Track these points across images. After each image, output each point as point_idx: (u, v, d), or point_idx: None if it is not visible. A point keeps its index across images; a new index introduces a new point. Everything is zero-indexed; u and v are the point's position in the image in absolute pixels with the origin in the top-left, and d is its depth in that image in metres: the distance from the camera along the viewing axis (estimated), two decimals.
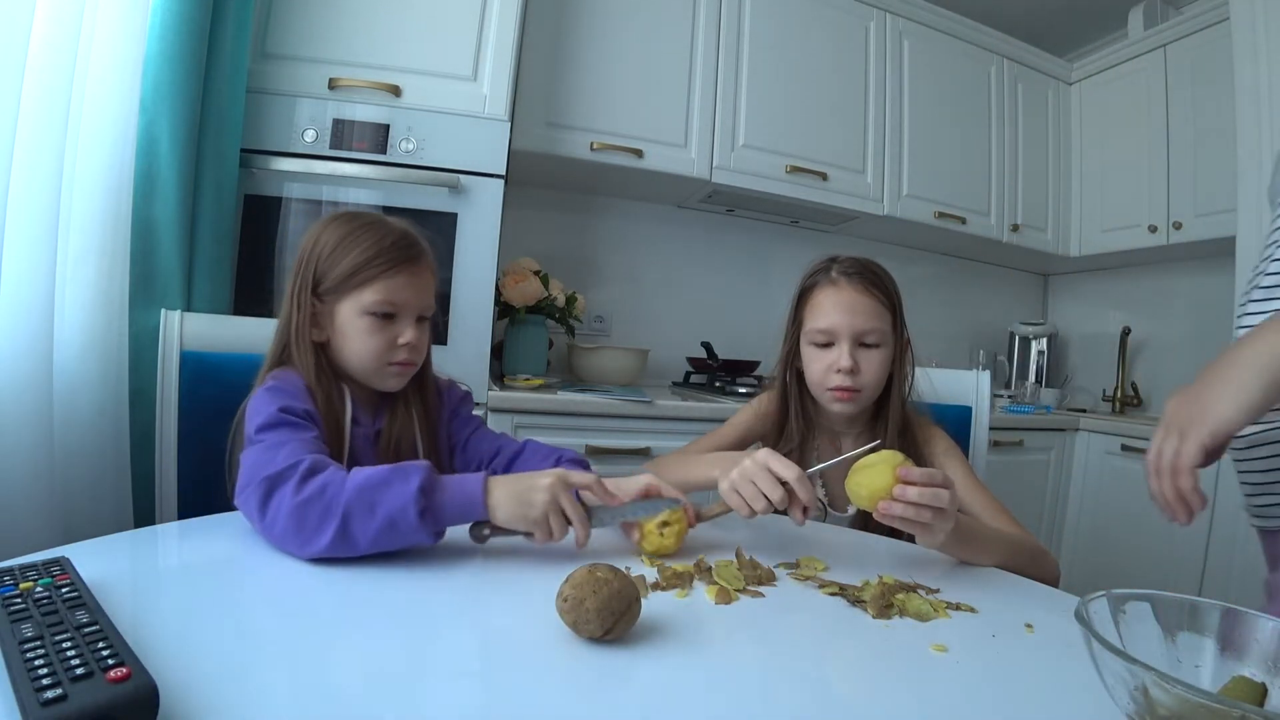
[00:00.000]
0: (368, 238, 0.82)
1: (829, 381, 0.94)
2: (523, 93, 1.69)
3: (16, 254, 0.96)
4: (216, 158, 1.26)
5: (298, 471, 0.63)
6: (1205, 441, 0.53)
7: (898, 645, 0.54)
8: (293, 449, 0.67)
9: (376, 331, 0.82)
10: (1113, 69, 2.37)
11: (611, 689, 0.44)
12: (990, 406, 1.24)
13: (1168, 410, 0.57)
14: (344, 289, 0.81)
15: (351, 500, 0.61)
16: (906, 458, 0.71)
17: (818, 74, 2.06)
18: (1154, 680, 0.36)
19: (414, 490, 0.62)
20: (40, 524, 0.98)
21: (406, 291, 0.83)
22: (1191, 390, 0.55)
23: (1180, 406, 0.56)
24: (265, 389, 0.77)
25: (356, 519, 0.61)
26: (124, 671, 0.35)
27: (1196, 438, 0.53)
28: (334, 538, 0.60)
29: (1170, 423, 0.56)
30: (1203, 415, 0.53)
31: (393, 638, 0.49)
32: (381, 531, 0.61)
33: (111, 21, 1.07)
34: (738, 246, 2.35)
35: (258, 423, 0.72)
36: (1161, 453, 0.56)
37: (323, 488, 0.62)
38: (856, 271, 0.96)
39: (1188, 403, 0.55)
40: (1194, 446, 0.53)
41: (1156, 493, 0.56)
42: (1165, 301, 2.41)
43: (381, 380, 0.85)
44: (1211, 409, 0.53)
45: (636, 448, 1.54)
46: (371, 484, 0.62)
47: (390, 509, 0.61)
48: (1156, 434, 0.57)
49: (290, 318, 0.83)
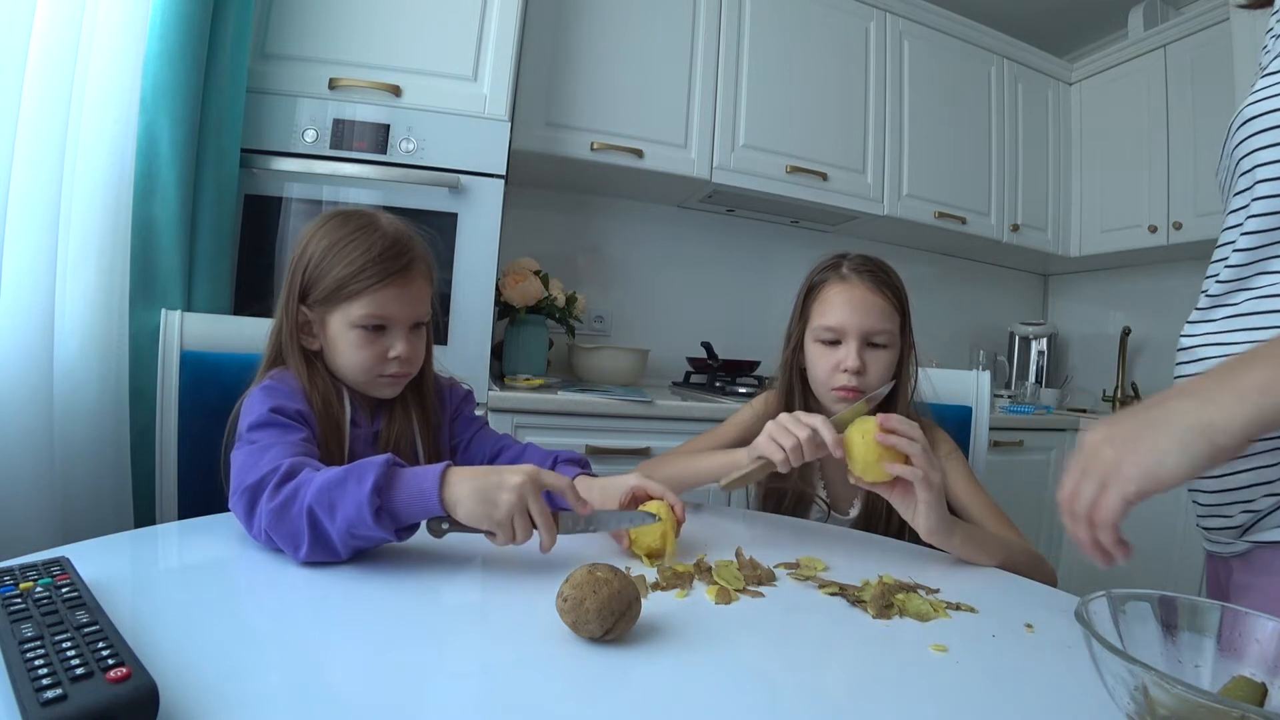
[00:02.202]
0: (356, 248, 0.79)
1: (834, 381, 0.92)
2: (523, 93, 1.69)
3: (16, 254, 0.96)
4: (217, 158, 1.26)
5: (274, 477, 0.62)
6: (1129, 498, 0.47)
7: (898, 645, 0.54)
8: (275, 454, 0.66)
9: (366, 345, 0.80)
10: (1113, 69, 2.37)
11: (611, 689, 0.44)
12: (990, 406, 1.24)
13: (1088, 446, 0.50)
14: (332, 301, 0.79)
15: (313, 502, 0.59)
16: None
17: (818, 74, 2.06)
18: (1154, 680, 0.36)
19: (368, 490, 0.58)
20: (40, 524, 0.98)
21: (396, 304, 0.80)
22: (1119, 429, 0.49)
23: (1104, 447, 0.49)
24: (261, 388, 0.76)
25: (322, 521, 0.59)
26: (124, 671, 0.35)
27: (1120, 491, 0.47)
28: (311, 542, 0.59)
29: (1090, 465, 0.49)
30: (1134, 467, 0.47)
31: (393, 638, 0.49)
32: (344, 534, 0.59)
33: (112, 21, 1.07)
34: (738, 246, 2.34)
35: (249, 421, 0.72)
36: (1078, 495, 0.50)
37: (294, 492, 0.61)
38: (867, 269, 0.95)
39: (1115, 445, 0.48)
40: (1116, 500, 0.47)
41: (1073, 535, 0.51)
42: (1165, 301, 2.41)
43: (375, 389, 0.84)
44: (1145, 463, 0.46)
45: (636, 448, 1.54)
46: (329, 485, 0.60)
47: (346, 511, 0.59)
48: (1072, 470, 0.51)
49: (281, 325, 0.82)
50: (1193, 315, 0.68)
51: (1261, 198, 0.60)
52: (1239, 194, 0.64)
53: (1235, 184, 0.65)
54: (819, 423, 0.75)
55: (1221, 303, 0.64)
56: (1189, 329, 0.68)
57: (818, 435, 0.75)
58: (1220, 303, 0.64)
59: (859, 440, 0.74)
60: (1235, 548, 0.65)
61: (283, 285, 0.83)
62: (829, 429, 0.75)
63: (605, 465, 1.52)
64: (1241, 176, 0.63)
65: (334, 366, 0.83)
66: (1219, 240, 0.67)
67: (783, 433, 0.76)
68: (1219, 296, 0.64)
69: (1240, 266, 0.62)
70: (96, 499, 1.07)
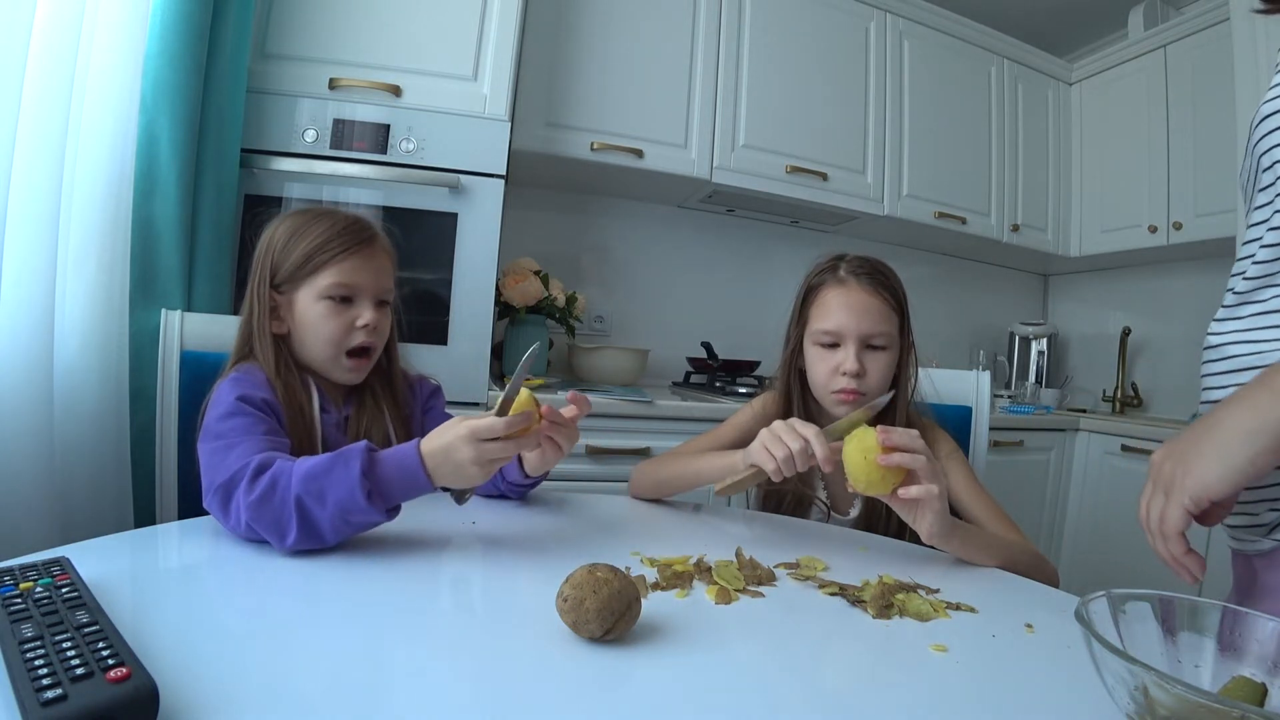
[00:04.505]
0: (319, 226, 0.84)
1: (834, 384, 0.92)
2: (523, 93, 1.69)
3: (16, 254, 0.96)
4: (217, 158, 1.26)
5: (247, 472, 0.64)
6: (1187, 506, 0.51)
7: (898, 645, 0.54)
8: (242, 450, 0.68)
9: (334, 315, 0.83)
10: (1113, 69, 2.37)
11: (611, 689, 0.44)
12: (990, 407, 1.24)
13: (1154, 464, 0.55)
14: (299, 276, 0.83)
15: (299, 491, 0.62)
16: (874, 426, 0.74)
17: (818, 74, 2.06)
18: (1154, 680, 0.36)
19: (357, 474, 0.62)
20: (40, 524, 0.98)
21: (361, 274, 0.84)
22: (1179, 445, 0.53)
23: (1165, 462, 0.54)
24: (228, 380, 0.78)
25: (311, 509, 0.61)
26: (124, 671, 0.35)
27: (1178, 501, 0.51)
28: (299, 531, 0.61)
29: (1156, 480, 0.54)
30: (1185, 478, 0.51)
31: (393, 638, 0.49)
32: (336, 518, 0.62)
33: (112, 21, 1.07)
34: (738, 246, 2.35)
35: (216, 412, 0.73)
36: (1149, 512, 0.54)
37: (273, 483, 0.63)
38: (865, 271, 0.94)
39: (1173, 460, 0.53)
40: (1177, 510, 0.51)
41: (1157, 552, 0.55)
42: (1165, 301, 2.41)
43: (339, 373, 0.86)
44: (1194, 472, 0.50)
45: (636, 448, 1.54)
46: (315, 473, 0.63)
47: (338, 495, 0.62)
48: (1146, 488, 0.56)
49: (251, 312, 0.85)
50: (1219, 313, 0.67)
51: None
52: (1263, 189, 0.63)
53: (1259, 179, 0.64)
54: (813, 435, 0.74)
55: (1249, 299, 0.64)
56: (1215, 327, 0.67)
57: (810, 447, 0.74)
58: (1247, 299, 0.64)
59: (860, 460, 0.71)
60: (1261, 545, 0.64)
61: (249, 280, 0.86)
62: (822, 443, 0.74)
63: (605, 465, 1.52)
64: (1264, 173, 0.63)
65: (302, 348, 0.85)
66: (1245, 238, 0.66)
67: (775, 442, 0.75)
68: (1246, 293, 0.64)
69: (1268, 263, 0.62)
70: (96, 499, 1.07)
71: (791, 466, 0.74)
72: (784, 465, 0.74)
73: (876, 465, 0.70)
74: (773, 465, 0.75)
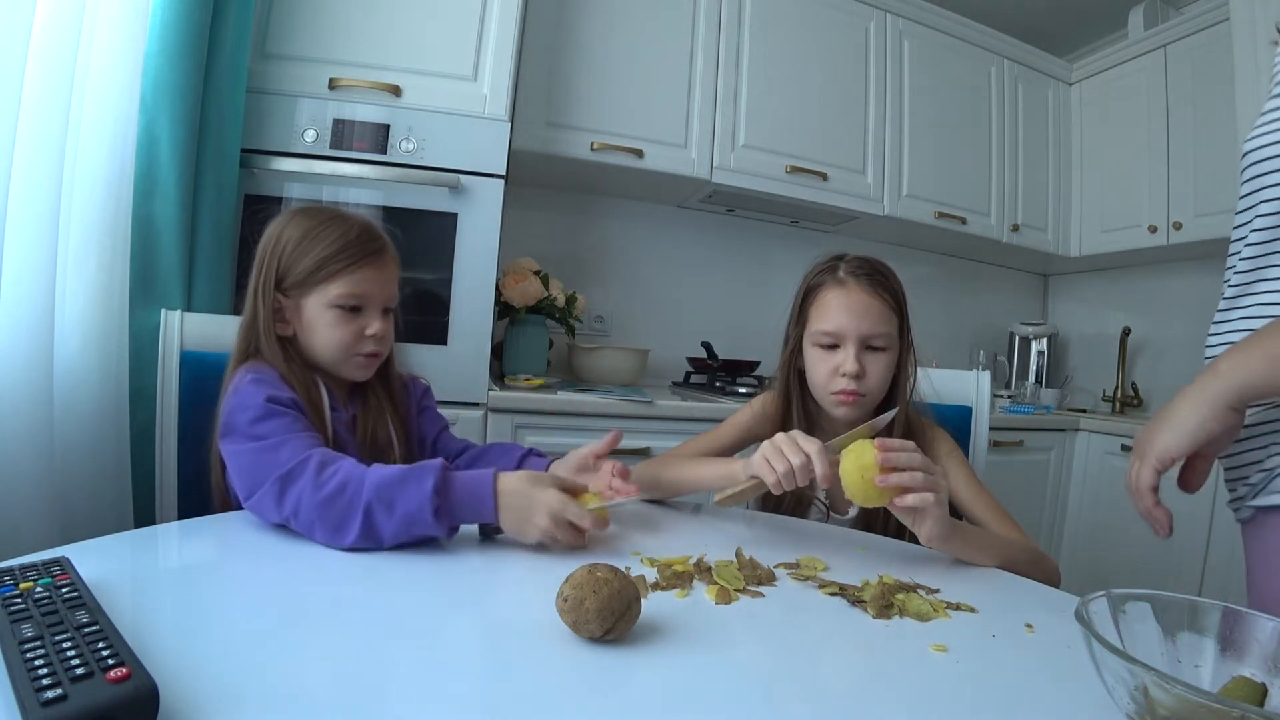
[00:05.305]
0: (331, 233, 0.84)
1: (833, 385, 0.92)
2: (523, 93, 1.69)
3: (16, 253, 0.96)
4: (217, 157, 1.26)
5: (309, 467, 0.67)
6: (1154, 465, 0.60)
7: (898, 645, 0.54)
8: (294, 447, 0.70)
9: (343, 324, 0.84)
10: (1113, 69, 2.37)
11: (611, 689, 0.44)
12: (990, 407, 1.24)
13: (1135, 439, 0.65)
14: (310, 283, 0.83)
15: (371, 498, 0.64)
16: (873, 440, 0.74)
17: (818, 74, 2.06)
18: (1154, 680, 0.36)
19: (429, 490, 0.65)
20: (40, 524, 0.98)
21: (372, 284, 0.85)
22: (1151, 421, 0.63)
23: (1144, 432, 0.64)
24: (250, 381, 0.77)
25: (378, 516, 0.64)
26: (124, 671, 0.35)
27: (1149, 464, 0.60)
28: (360, 533, 0.64)
29: (1135, 450, 0.64)
30: (1150, 444, 0.61)
31: (394, 638, 0.49)
32: (400, 527, 0.65)
33: (112, 21, 1.07)
34: (738, 246, 2.34)
35: (249, 415, 0.73)
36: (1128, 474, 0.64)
37: (343, 485, 0.65)
38: (865, 272, 0.94)
39: (1146, 432, 0.63)
40: (1148, 470, 0.60)
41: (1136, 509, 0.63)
42: (1165, 301, 2.41)
43: (349, 370, 0.87)
44: (1156, 439, 0.60)
45: (637, 448, 1.54)
46: (389, 482, 0.65)
47: (408, 507, 0.64)
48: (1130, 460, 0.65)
49: (255, 313, 0.84)
50: (1215, 316, 0.73)
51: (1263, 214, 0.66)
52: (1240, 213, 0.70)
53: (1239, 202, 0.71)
54: (814, 451, 0.73)
55: (1234, 305, 0.70)
56: (1213, 328, 0.73)
57: (810, 463, 0.74)
58: (1233, 305, 0.70)
59: (858, 479, 0.71)
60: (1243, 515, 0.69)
61: (251, 279, 0.86)
62: (822, 460, 0.73)
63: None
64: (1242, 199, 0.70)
65: (309, 349, 0.86)
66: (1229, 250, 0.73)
67: (777, 455, 0.75)
68: (1232, 299, 0.71)
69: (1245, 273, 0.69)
70: (96, 499, 1.07)
71: (792, 481, 0.74)
72: (784, 479, 0.74)
73: (874, 485, 0.70)
74: (774, 479, 0.74)
